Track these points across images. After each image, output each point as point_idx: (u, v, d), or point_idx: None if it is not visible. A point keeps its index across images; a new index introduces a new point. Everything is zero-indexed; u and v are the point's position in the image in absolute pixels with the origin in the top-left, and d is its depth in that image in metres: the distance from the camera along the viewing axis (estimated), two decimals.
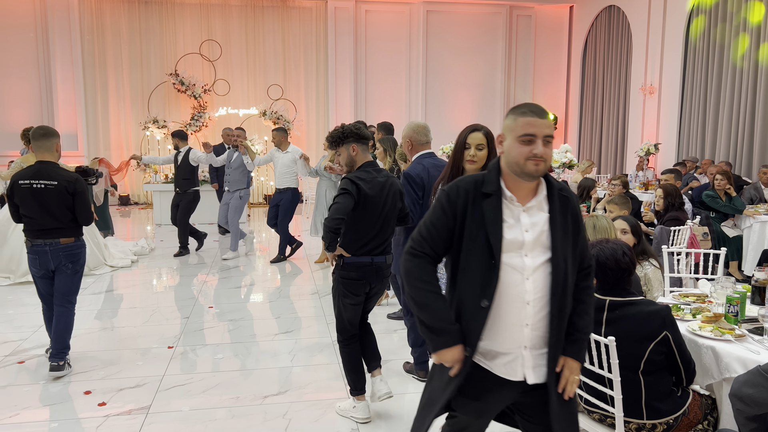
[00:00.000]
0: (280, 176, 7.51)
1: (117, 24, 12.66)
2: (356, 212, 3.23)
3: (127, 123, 12.84)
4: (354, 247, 3.29)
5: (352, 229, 3.27)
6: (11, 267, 6.59)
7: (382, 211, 3.31)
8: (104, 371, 4.15)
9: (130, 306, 5.74)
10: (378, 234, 3.32)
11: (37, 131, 4.00)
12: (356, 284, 3.33)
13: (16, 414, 3.53)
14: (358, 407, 3.49)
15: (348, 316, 3.41)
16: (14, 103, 12.41)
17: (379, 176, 3.34)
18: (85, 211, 4.05)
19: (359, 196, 3.21)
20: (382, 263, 3.37)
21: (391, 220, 3.39)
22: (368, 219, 3.27)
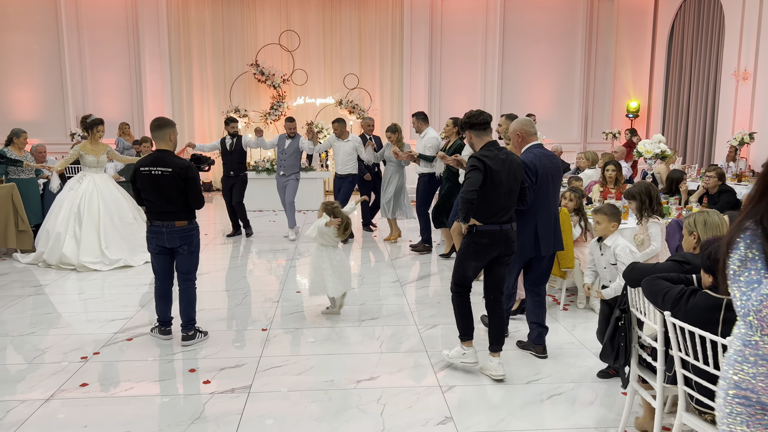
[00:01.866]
0: (342, 163, 8.07)
1: (201, 17, 13.12)
2: (485, 185, 3.67)
3: (210, 112, 13.32)
4: (485, 215, 3.74)
5: (482, 199, 3.71)
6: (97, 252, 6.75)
7: (506, 182, 3.73)
8: (205, 351, 4.38)
9: (222, 289, 6.01)
10: (505, 203, 3.76)
11: (153, 122, 4.32)
12: (486, 249, 3.80)
13: (130, 388, 3.79)
14: (467, 353, 3.96)
15: (468, 274, 3.88)
16: (108, 94, 13.11)
17: (501, 153, 3.78)
18: (196, 195, 4.32)
19: (486, 169, 3.67)
20: (509, 230, 3.81)
21: (515, 191, 3.82)
22: (495, 190, 3.71)
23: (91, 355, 4.28)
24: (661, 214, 4.67)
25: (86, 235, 6.71)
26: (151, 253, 4.46)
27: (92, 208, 6.78)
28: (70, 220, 6.75)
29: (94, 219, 6.77)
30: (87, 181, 6.89)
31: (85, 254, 6.67)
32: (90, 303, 5.53)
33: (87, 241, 6.70)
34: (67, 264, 6.69)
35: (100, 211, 6.79)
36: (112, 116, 12.75)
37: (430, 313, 5.25)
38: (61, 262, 6.70)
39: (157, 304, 4.54)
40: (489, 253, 3.80)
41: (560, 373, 4.03)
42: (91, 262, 6.66)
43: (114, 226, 6.85)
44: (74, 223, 6.76)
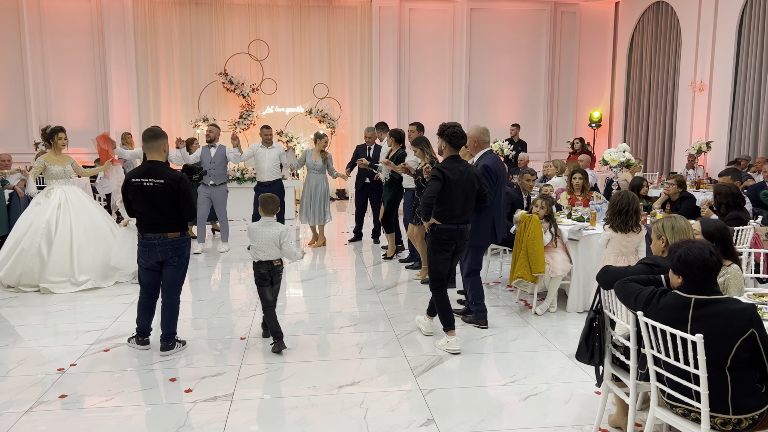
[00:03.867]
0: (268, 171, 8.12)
1: (169, 25, 13.03)
2: (443, 191, 4.38)
3: (178, 121, 13.22)
4: (444, 217, 4.45)
5: (441, 203, 4.42)
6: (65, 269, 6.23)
7: (462, 190, 4.45)
8: (185, 360, 4.38)
9: (198, 299, 5.99)
10: (461, 208, 4.47)
11: (146, 133, 4.32)
12: (447, 243, 4.50)
13: (110, 399, 3.77)
14: (451, 341, 4.53)
15: (440, 268, 4.55)
16: (73, 103, 12.89)
17: (460, 165, 4.49)
18: (188, 207, 4.33)
19: (444, 179, 4.37)
20: (464, 230, 4.55)
21: (471, 198, 4.52)
22: (452, 196, 4.42)
23: (68, 367, 4.24)
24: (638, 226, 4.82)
25: (56, 252, 6.19)
26: (140, 266, 4.43)
27: (64, 222, 6.28)
28: (35, 237, 6.20)
29: (66, 235, 6.26)
30: (56, 194, 6.40)
31: (52, 273, 6.14)
32: (62, 314, 5.45)
33: (55, 259, 6.17)
34: (28, 285, 6.17)
35: (72, 225, 6.29)
36: (77, 125, 12.55)
37: (406, 318, 5.34)
38: (21, 283, 6.18)
39: (139, 316, 4.51)
40: (450, 246, 4.53)
41: (535, 375, 4.16)
42: (56, 282, 6.13)
43: (88, 239, 6.36)
44: (40, 240, 6.20)
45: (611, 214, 4.77)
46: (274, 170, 8.21)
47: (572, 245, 5.46)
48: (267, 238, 4.44)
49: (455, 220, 4.47)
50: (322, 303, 5.87)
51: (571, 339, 4.84)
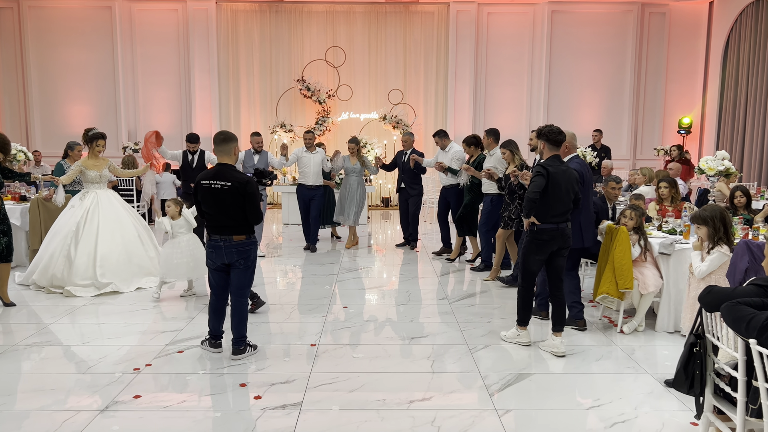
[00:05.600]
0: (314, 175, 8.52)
1: (249, 33, 13.36)
2: (546, 189, 4.40)
3: (256, 127, 13.50)
4: (544, 215, 4.47)
5: (543, 202, 4.44)
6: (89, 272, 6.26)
7: (563, 189, 4.48)
8: (255, 365, 4.35)
9: (269, 302, 5.99)
10: (562, 206, 4.50)
11: (218, 136, 4.36)
12: (546, 244, 4.52)
13: (181, 401, 3.77)
14: (522, 335, 4.73)
15: (532, 268, 4.61)
16: (159, 109, 13.45)
17: (562, 165, 4.56)
18: (254, 210, 4.31)
19: (548, 176, 4.40)
20: (564, 228, 4.54)
21: (570, 198, 4.55)
22: (554, 194, 4.44)
23: (144, 367, 4.30)
24: (731, 243, 4.47)
25: (81, 255, 6.23)
26: (209, 268, 4.47)
27: (92, 226, 6.33)
28: (66, 239, 6.30)
29: (92, 238, 6.30)
30: (90, 198, 6.49)
31: (76, 276, 6.18)
32: (142, 314, 5.58)
33: (80, 263, 6.21)
34: (57, 286, 6.24)
35: (98, 228, 6.33)
36: (162, 130, 12.93)
37: (480, 332, 5.12)
38: (52, 285, 6.26)
39: (210, 318, 4.54)
40: (549, 247, 4.53)
41: (621, 400, 3.84)
42: (80, 286, 6.16)
43: (115, 244, 6.36)
44: (70, 243, 6.28)
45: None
46: (318, 175, 8.47)
47: (663, 260, 5.07)
48: None
49: (555, 219, 4.49)
50: (393, 311, 5.73)
51: (661, 362, 4.47)
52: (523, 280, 4.67)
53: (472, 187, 7.46)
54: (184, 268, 5.94)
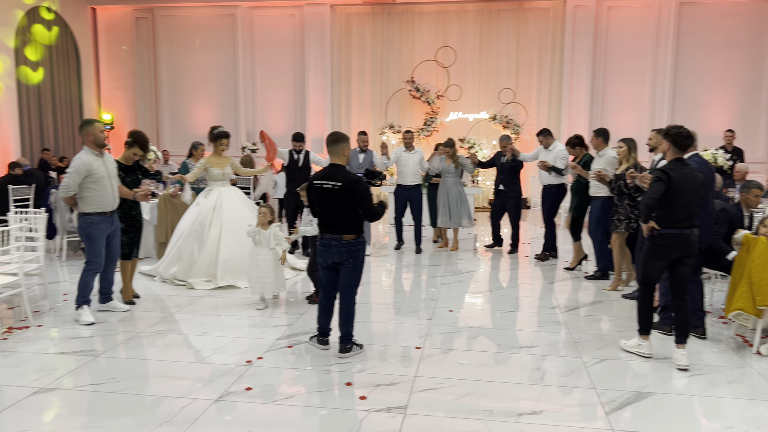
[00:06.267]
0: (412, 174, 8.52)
1: (362, 36, 13.58)
2: (667, 194, 4.20)
3: (365, 128, 13.68)
4: (665, 221, 4.28)
5: (663, 207, 4.24)
6: (211, 271, 6.53)
7: (686, 194, 4.22)
8: (361, 365, 4.36)
9: (375, 302, 6.02)
10: (684, 212, 4.25)
11: (329, 137, 4.48)
12: (666, 250, 4.31)
13: (290, 397, 3.85)
14: (644, 345, 4.52)
15: (651, 274, 4.43)
16: (275, 110, 14.02)
17: (685, 168, 4.28)
18: (367, 208, 4.36)
19: (669, 181, 4.18)
20: (689, 235, 4.30)
21: (694, 202, 4.27)
22: (676, 199, 4.22)
23: (255, 360, 4.44)
24: None
25: (204, 257, 6.50)
26: (320, 266, 4.56)
27: (216, 228, 6.56)
28: (190, 237, 6.61)
29: (215, 241, 6.53)
30: (214, 196, 6.71)
31: (198, 272, 6.48)
32: (254, 308, 5.78)
33: (202, 263, 6.49)
34: (180, 280, 6.56)
35: (222, 227, 6.54)
36: (278, 131, 13.55)
37: (596, 345, 4.83)
38: (175, 278, 6.60)
39: (319, 315, 4.62)
40: (669, 254, 4.32)
41: (759, 430, 3.45)
42: (200, 280, 6.46)
43: (236, 245, 6.49)
44: (194, 242, 6.59)
45: None
46: (416, 174, 8.50)
47: None
48: None
49: (678, 224, 4.28)
50: (500, 318, 5.55)
51: None
52: (642, 285, 4.51)
53: (579, 189, 7.12)
54: (258, 283, 5.72)
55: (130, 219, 5.75)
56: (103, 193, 5.16)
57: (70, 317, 5.42)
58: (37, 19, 12.44)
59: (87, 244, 5.24)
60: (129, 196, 5.55)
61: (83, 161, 5.07)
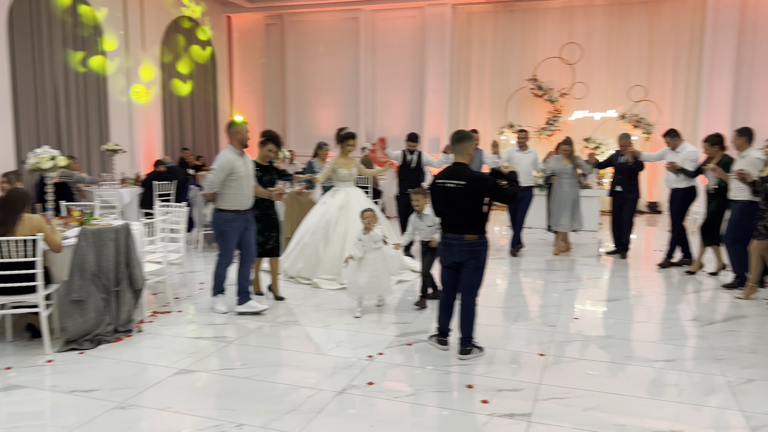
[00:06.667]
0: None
1: (483, 34, 13.41)
2: None
3: (484, 127, 13.50)
4: None
5: None
6: (335, 269, 6.54)
7: None
8: (482, 368, 4.28)
9: (496, 305, 5.89)
10: None
11: (453, 135, 4.44)
12: None
13: (410, 394, 3.86)
14: None
15: None
16: (393, 111, 14.21)
17: None
18: (501, 197, 4.32)
19: None
20: None
21: None
22: None
23: (376, 355, 4.50)
24: None
25: (329, 255, 6.56)
26: (441, 265, 4.53)
27: (341, 227, 6.58)
28: (316, 235, 6.67)
29: (341, 236, 6.56)
30: (341, 196, 6.75)
31: (323, 271, 6.54)
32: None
33: (327, 260, 6.55)
34: (305, 278, 6.64)
35: (348, 227, 6.53)
36: (395, 132, 13.74)
37: (742, 363, 4.40)
38: (300, 276, 6.68)
39: (439, 315, 4.59)
40: None
41: None
42: (325, 279, 6.52)
43: None
44: (320, 238, 6.65)
45: None
46: (528, 175, 8.16)
47: None
48: None
49: None
50: (630, 328, 5.23)
51: None
52: None
53: (718, 193, 6.70)
54: (365, 287, 5.47)
55: (267, 218, 5.90)
56: (240, 191, 5.35)
57: (206, 305, 5.80)
58: (193, 40, 13.84)
59: (219, 239, 5.46)
60: (265, 195, 5.70)
61: (227, 159, 5.28)
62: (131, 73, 12.07)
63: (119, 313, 4.90)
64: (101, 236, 4.77)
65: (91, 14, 11.12)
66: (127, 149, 11.79)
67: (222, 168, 5.25)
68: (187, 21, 13.62)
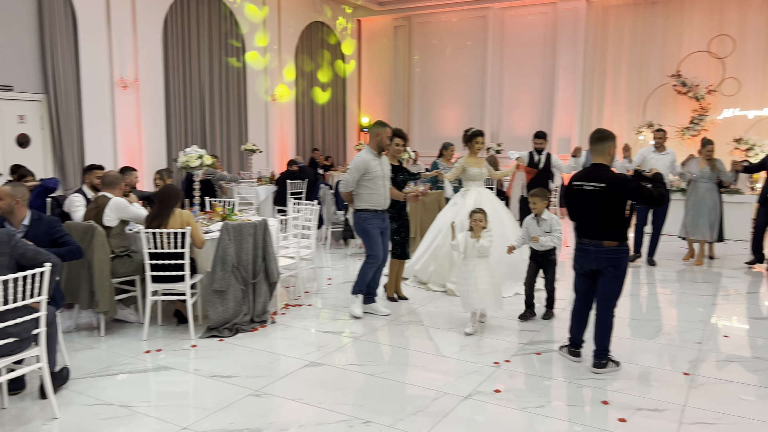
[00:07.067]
0: None
1: (620, 29, 12.67)
2: None
3: (620, 127, 12.75)
4: None
5: None
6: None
7: None
8: (618, 383, 4.01)
9: (634, 317, 5.52)
10: None
11: (594, 134, 4.19)
12: None
13: (540, 406, 3.69)
14: None
15: None
16: (520, 110, 13.84)
17: None
18: (647, 199, 4.03)
19: None
20: None
21: None
22: None
23: (503, 362, 4.37)
24: None
25: None
26: (575, 271, 4.32)
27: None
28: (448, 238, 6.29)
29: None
30: (472, 196, 6.49)
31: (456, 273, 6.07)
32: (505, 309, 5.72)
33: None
34: (437, 284, 6.44)
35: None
36: (521, 132, 13.39)
37: None
38: (431, 281, 6.49)
39: (572, 325, 4.38)
40: None
41: None
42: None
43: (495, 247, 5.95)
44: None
45: None
46: (665, 178, 7.51)
47: None
48: None
49: None
50: None
51: None
52: None
53: None
54: (468, 298, 4.99)
55: (402, 219, 5.91)
56: (376, 192, 5.37)
57: (334, 300, 5.97)
58: (338, 55, 14.72)
59: (364, 238, 5.46)
60: (400, 197, 5.68)
61: (363, 159, 5.33)
62: (275, 74, 12.81)
63: (255, 304, 5.17)
64: (241, 231, 5.06)
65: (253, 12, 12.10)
66: (263, 149, 12.49)
67: (356, 168, 5.32)
68: (332, 35, 14.26)
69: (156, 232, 4.70)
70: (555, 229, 5.23)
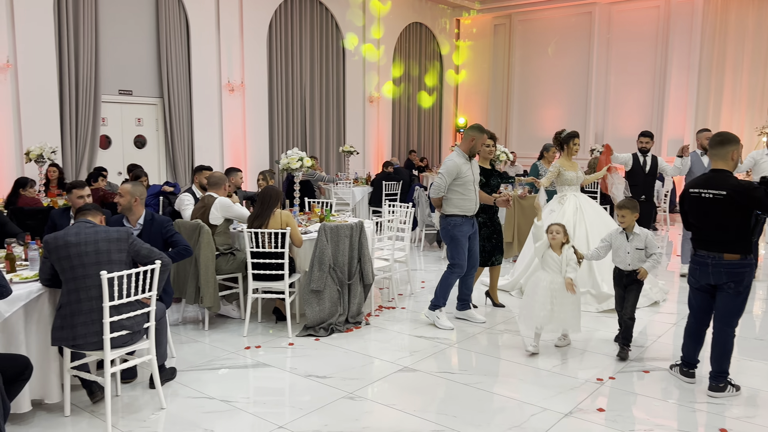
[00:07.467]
0: None
1: (742, 22, 11.72)
2: None
3: (739, 128, 11.80)
4: None
5: None
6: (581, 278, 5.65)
7: None
8: (739, 410, 3.67)
9: (753, 336, 5.04)
10: None
11: (714, 138, 3.88)
12: None
13: (649, 428, 3.44)
14: None
15: None
16: (628, 109, 13.13)
17: None
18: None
19: None
20: None
21: None
22: None
23: (607, 379, 4.13)
24: None
25: None
26: (690, 285, 4.00)
27: (580, 228, 5.94)
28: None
29: (582, 238, 5.88)
30: (570, 201, 6.14)
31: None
32: (599, 321, 5.43)
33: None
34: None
35: (587, 232, 5.90)
36: (628, 132, 12.69)
37: None
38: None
39: (686, 343, 4.05)
40: None
41: None
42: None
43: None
44: None
45: None
46: None
47: None
48: None
49: None
50: None
51: None
52: None
53: None
54: (542, 317, 4.50)
55: (494, 225, 5.71)
56: (467, 196, 5.17)
57: (427, 303, 5.83)
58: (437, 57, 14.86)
59: (451, 246, 5.26)
60: (489, 201, 5.48)
61: (454, 162, 5.13)
62: (382, 71, 13.00)
63: (350, 305, 5.21)
64: (338, 232, 5.11)
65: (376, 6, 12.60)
66: (360, 151, 12.65)
67: (448, 172, 5.10)
68: (433, 39, 14.21)
69: (257, 231, 4.85)
70: (652, 251, 4.40)
